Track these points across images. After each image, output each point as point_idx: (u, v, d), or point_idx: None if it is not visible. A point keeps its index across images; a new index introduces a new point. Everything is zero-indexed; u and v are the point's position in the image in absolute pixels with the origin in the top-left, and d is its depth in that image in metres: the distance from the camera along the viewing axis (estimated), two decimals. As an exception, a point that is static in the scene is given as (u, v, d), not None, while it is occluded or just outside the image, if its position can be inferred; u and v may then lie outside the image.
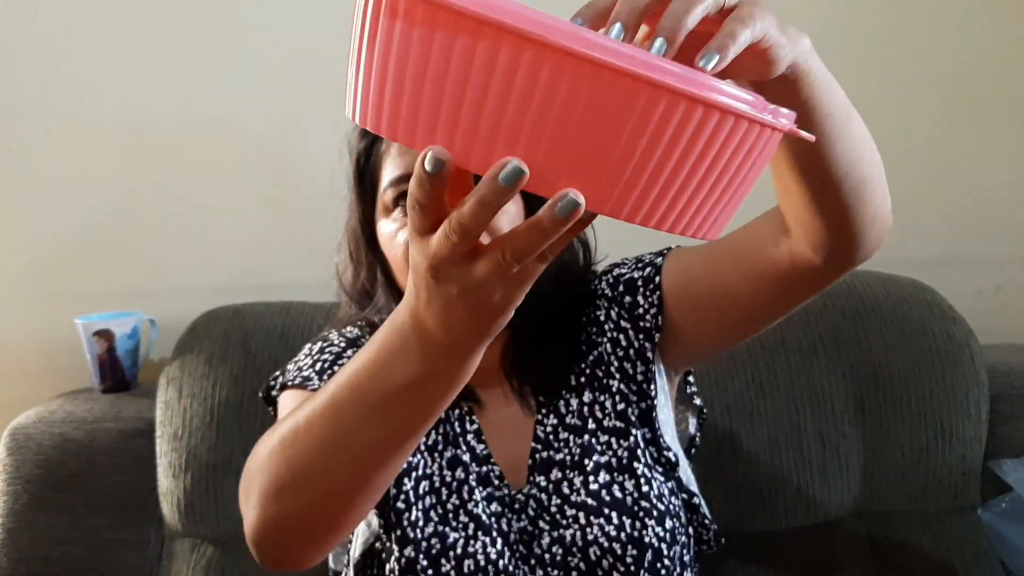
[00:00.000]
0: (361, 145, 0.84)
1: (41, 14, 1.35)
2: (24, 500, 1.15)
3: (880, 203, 0.71)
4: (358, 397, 0.55)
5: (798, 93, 0.56)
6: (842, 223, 0.69)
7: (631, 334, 0.87)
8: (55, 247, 1.39)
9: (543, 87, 0.40)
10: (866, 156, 0.66)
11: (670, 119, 0.41)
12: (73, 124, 1.37)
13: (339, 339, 0.91)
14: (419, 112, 0.42)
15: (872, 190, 0.69)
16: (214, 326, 1.20)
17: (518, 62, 0.40)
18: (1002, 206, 1.40)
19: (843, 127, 0.61)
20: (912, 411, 1.11)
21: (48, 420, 1.19)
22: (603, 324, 0.89)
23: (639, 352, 0.87)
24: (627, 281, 0.89)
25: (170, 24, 1.35)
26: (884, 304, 1.15)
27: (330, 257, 1.36)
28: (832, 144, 0.61)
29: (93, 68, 1.36)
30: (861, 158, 0.65)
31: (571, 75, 0.39)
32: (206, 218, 1.39)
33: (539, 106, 0.40)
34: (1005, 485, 1.09)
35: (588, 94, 0.40)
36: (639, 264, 0.90)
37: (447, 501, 0.81)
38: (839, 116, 0.60)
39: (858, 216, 0.69)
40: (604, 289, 0.90)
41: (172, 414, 1.15)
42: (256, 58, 1.36)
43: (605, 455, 0.82)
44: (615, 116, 0.40)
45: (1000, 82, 1.38)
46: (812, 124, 0.58)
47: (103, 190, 1.38)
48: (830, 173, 0.63)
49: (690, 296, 0.84)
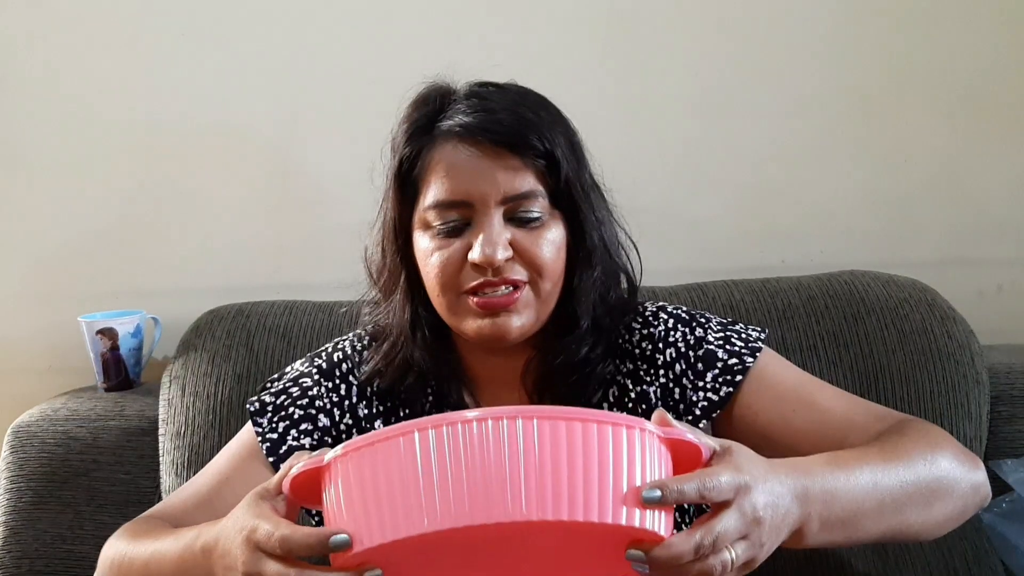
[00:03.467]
0: (407, 150, 0.81)
1: (46, 16, 1.35)
2: (28, 498, 1.15)
3: (936, 529, 0.74)
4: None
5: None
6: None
7: (688, 394, 0.85)
8: (59, 246, 1.40)
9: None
10: (900, 529, 0.71)
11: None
12: (77, 125, 1.37)
13: (316, 372, 0.90)
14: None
15: (916, 533, 0.73)
16: (217, 325, 1.20)
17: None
18: (1003, 207, 1.41)
19: (854, 543, 0.70)
20: (913, 411, 1.10)
21: (52, 418, 1.19)
22: (659, 369, 0.86)
23: (687, 410, 0.85)
24: (708, 353, 0.86)
25: (174, 26, 1.36)
26: (885, 305, 1.15)
27: (332, 256, 1.37)
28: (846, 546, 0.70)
29: (98, 69, 1.37)
30: (884, 539, 0.71)
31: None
32: (209, 218, 1.39)
33: None
34: (1006, 485, 1.09)
35: None
36: (727, 342, 0.87)
37: None
38: (849, 540, 0.67)
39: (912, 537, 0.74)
40: (675, 336, 0.87)
41: (175, 412, 1.16)
42: (260, 60, 1.37)
43: None
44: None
45: (1002, 83, 1.38)
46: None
47: (107, 190, 1.39)
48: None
49: (757, 424, 0.83)
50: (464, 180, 0.78)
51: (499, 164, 0.77)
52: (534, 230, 0.79)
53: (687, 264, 1.33)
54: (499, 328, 0.78)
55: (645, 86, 1.37)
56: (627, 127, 1.37)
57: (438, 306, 0.82)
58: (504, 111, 0.79)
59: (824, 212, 1.40)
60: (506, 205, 0.78)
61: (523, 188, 0.78)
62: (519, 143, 0.78)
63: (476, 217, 0.78)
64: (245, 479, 0.83)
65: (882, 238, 1.40)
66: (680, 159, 1.39)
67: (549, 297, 0.81)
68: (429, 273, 0.80)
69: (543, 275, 0.79)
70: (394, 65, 1.34)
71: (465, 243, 0.78)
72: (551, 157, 0.79)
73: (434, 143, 0.80)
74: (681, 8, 1.36)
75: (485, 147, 0.78)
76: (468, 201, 0.78)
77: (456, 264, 0.78)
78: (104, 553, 0.81)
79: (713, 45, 1.37)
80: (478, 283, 0.77)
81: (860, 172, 1.40)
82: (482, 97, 0.81)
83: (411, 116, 0.83)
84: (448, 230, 0.79)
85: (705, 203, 1.39)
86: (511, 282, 0.78)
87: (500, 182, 0.77)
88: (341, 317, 1.19)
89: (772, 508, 0.59)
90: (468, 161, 0.78)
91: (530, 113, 0.80)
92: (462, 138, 0.78)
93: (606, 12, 1.36)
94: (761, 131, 1.39)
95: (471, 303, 0.78)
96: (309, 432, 0.86)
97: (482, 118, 0.78)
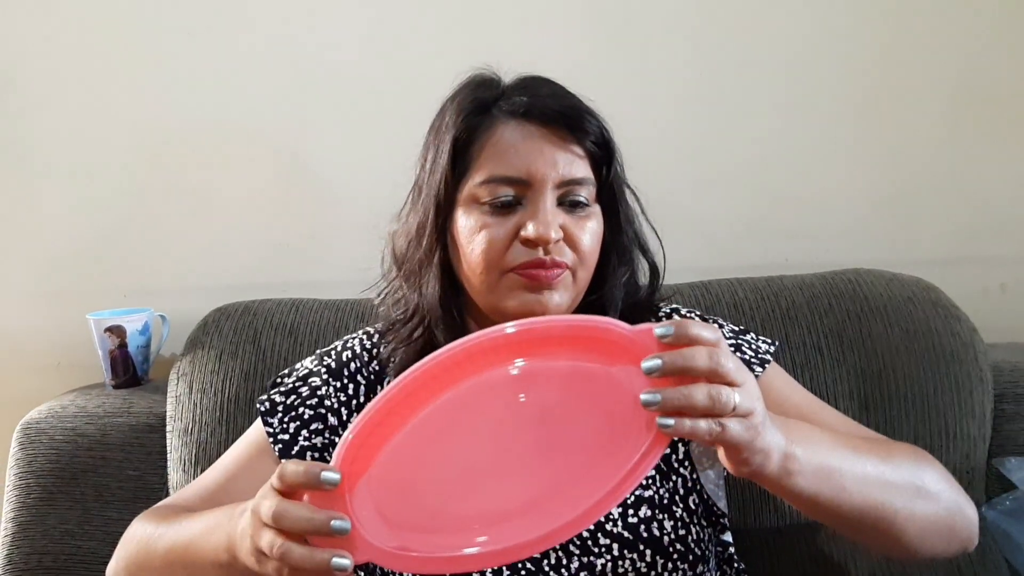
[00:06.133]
0: (463, 127, 0.81)
1: (51, 15, 1.36)
2: (36, 494, 1.16)
3: (920, 533, 0.74)
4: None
5: (780, 488, 0.65)
6: (877, 547, 0.76)
7: None
8: (67, 244, 1.40)
9: None
10: (890, 520, 0.71)
11: None
12: (86, 124, 1.38)
13: (324, 372, 0.90)
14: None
15: (901, 527, 0.72)
16: (224, 322, 1.21)
17: None
18: (1007, 205, 1.41)
19: (836, 507, 0.68)
20: (916, 409, 1.11)
21: (60, 415, 1.20)
22: None
23: None
24: None
25: (182, 26, 1.36)
26: (889, 303, 1.16)
27: (339, 254, 1.38)
28: (830, 517, 0.69)
29: (104, 68, 1.37)
30: (867, 518, 0.70)
31: None
32: (217, 216, 1.40)
33: None
34: (1009, 483, 1.10)
35: None
36: (738, 350, 0.88)
37: None
38: (832, 500, 0.67)
39: (891, 545, 0.74)
40: None
41: (183, 409, 1.16)
42: (268, 60, 1.37)
43: (649, 489, 0.82)
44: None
45: (1006, 80, 1.38)
46: (804, 508, 0.68)
47: (116, 189, 1.39)
48: (841, 526, 0.72)
49: None
50: (524, 158, 0.79)
51: (559, 146, 0.79)
52: (581, 218, 0.81)
53: (692, 262, 1.33)
54: (541, 304, 0.79)
55: (649, 84, 1.38)
56: (630, 125, 1.36)
57: (477, 284, 0.81)
58: (562, 98, 0.81)
59: (828, 210, 1.40)
60: (561, 189, 0.79)
61: (578, 174, 0.80)
62: (580, 125, 0.80)
63: (531, 195, 0.79)
64: (254, 476, 0.84)
65: (886, 236, 1.41)
66: (685, 157, 1.39)
67: (583, 285, 0.83)
68: (474, 249, 0.80)
69: (583, 262, 0.81)
70: (401, 64, 1.35)
71: (516, 221, 0.79)
72: (607, 146, 0.82)
73: (493, 122, 0.81)
74: (685, 5, 1.37)
75: (548, 127, 0.79)
76: (527, 179, 0.79)
77: (505, 241, 0.79)
78: (127, 534, 0.84)
79: (718, 42, 1.38)
80: (527, 261, 0.78)
81: (864, 170, 1.40)
82: (538, 84, 0.83)
83: (467, 97, 0.83)
84: (499, 205, 0.79)
85: (709, 201, 1.40)
86: (558, 264, 0.79)
87: (560, 164, 0.79)
88: (348, 315, 1.20)
89: (764, 408, 0.61)
90: (530, 139, 0.79)
91: (582, 104, 0.82)
92: (527, 116, 0.80)
93: (607, 10, 1.37)
94: (765, 129, 1.39)
95: (516, 278, 0.79)
96: (320, 431, 0.87)
97: (545, 100, 0.80)
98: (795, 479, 0.64)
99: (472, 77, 0.86)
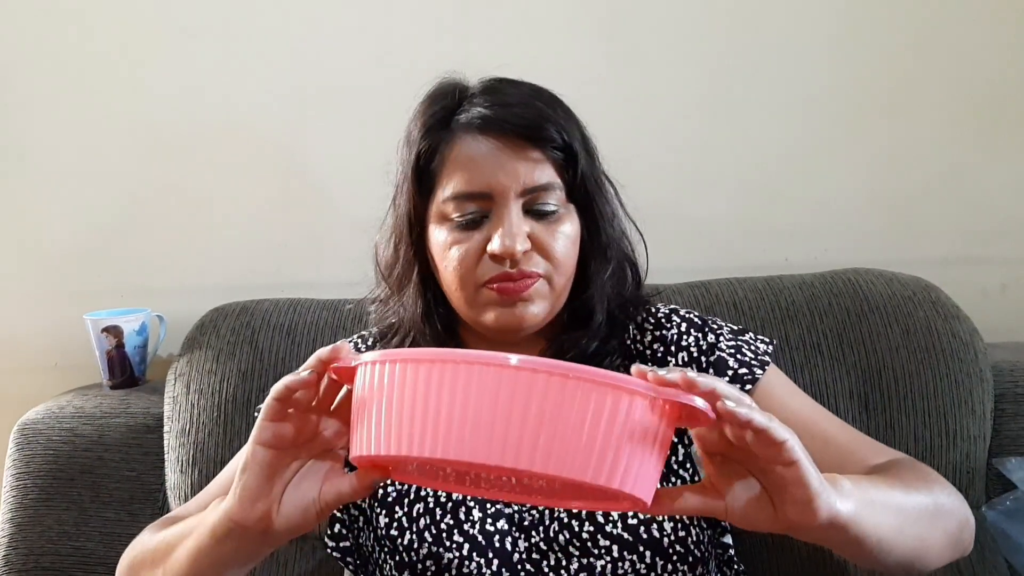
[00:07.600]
0: (424, 144, 0.81)
1: (50, 15, 1.36)
2: (34, 495, 1.16)
3: (940, 552, 0.73)
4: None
5: (838, 538, 0.61)
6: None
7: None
8: (65, 245, 1.40)
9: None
10: (921, 551, 0.70)
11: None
12: (83, 124, 1.38)
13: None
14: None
15: (926, 551, 0.71)
16: (222, 323, 1.21)
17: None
18: (1007, 205, 1.40)
19: (888, 550, 0.65)
20: (916, 409, 1.11)
21: (57, 415, 1.20)
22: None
23: None
24: (720, 360, 0.86)
25: (180, 24, 1.36)
26: (889, 302, 1.15)
27: (336, 254, 1.38)
28: (874, 560, 0.66)
29: (102, 69, 1.37)
30: (911, 557, 0.69)
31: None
32: (214, 216, 1.40)
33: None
34: (1009, 483, 1.09)
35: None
36: (738, 351, 0.87)
37: (440, 521, 0.80)
38: (886, 542, 0.65)
39: (916, 570, 0.72)
40: (688, 340, 0.88)
41: (180, 410, 1.16)
42: (266, 59, 1.37)
43: None
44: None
45: (1007, 81, 1.38)
46: (860, 555, 0.64)
47: (113, 188, 1.39)
48: (879, 566, 0.69)
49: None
50: (484, 172, 0.78)
51: (519, 156, 0.78)
52: (551, 223, 0.80)
53: (691, 262, 1.33)
54: (516, 317, 0.79)
55: (649, 84, 1.38)
56: (631, 125, 1.37)
57: (455, 299, 0.82)
58: (521, 104, 0.79)
59: (828, 210, 1.40)
60: (525, 197, 0.78)
61: (542, 180, 0.78)
62: (538, 135, 0.78)
63: (495, 209, 0.78)
64: None
65: (886, 236, 1.40)
66: (684, 157, 1.39)
67: (563, 291, 0.82)
68: (447, 266, 0.80)
69: (558, 268, 0.80)
70: (399, 64, 1.35)
71: (484, 235, 0.78)
72: (569, 149, 0.80)
73: (453, 136, 0.80)
74: (686, 6, 1.37)
75: (505, 139, 0.78)
76: (488, 193, 0.78)
77: (475, 256, 0.79)
78: (129, 546, 0.82)
79: (718, 43, 1.38)
80: (496, 275, 0.78)
81: (864, 170, 1.40)
82: (499, 91, 0.81)
83: (427, 110, 0.82)
84: (466, 222, 0.79)
85: (709, 201, 1.40)
86: (528, 275, 0.78)
87: (520, 174, 0.78)
88: (345, 315, 1.20)
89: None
90: (488, 153, 0.78)
91: (546, 107, 0.80)
92: (482, 130, 0.79)
93: (608, 11, 1.37)
94: (765, 129, 1.39)
95: (490, 293, 0.79)
96: None
97: (501, 111, 0.79)
98: (848, 502, 0.61)
99: (434, 88, 0.85)
